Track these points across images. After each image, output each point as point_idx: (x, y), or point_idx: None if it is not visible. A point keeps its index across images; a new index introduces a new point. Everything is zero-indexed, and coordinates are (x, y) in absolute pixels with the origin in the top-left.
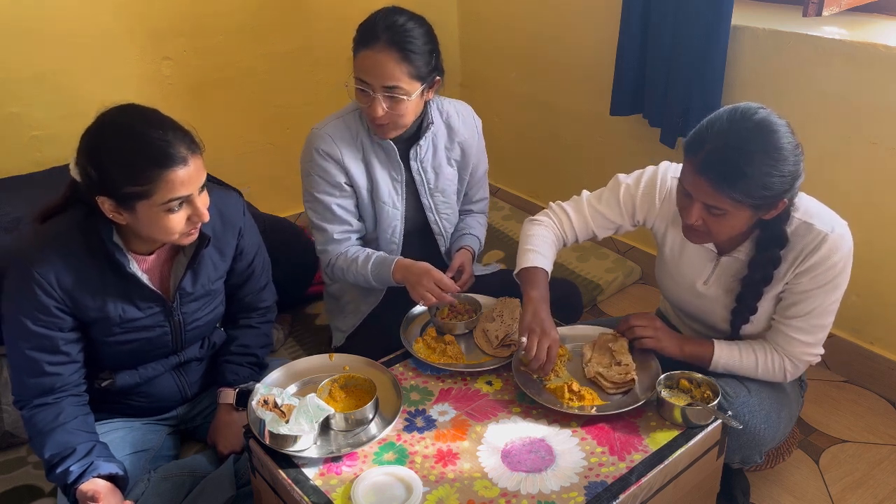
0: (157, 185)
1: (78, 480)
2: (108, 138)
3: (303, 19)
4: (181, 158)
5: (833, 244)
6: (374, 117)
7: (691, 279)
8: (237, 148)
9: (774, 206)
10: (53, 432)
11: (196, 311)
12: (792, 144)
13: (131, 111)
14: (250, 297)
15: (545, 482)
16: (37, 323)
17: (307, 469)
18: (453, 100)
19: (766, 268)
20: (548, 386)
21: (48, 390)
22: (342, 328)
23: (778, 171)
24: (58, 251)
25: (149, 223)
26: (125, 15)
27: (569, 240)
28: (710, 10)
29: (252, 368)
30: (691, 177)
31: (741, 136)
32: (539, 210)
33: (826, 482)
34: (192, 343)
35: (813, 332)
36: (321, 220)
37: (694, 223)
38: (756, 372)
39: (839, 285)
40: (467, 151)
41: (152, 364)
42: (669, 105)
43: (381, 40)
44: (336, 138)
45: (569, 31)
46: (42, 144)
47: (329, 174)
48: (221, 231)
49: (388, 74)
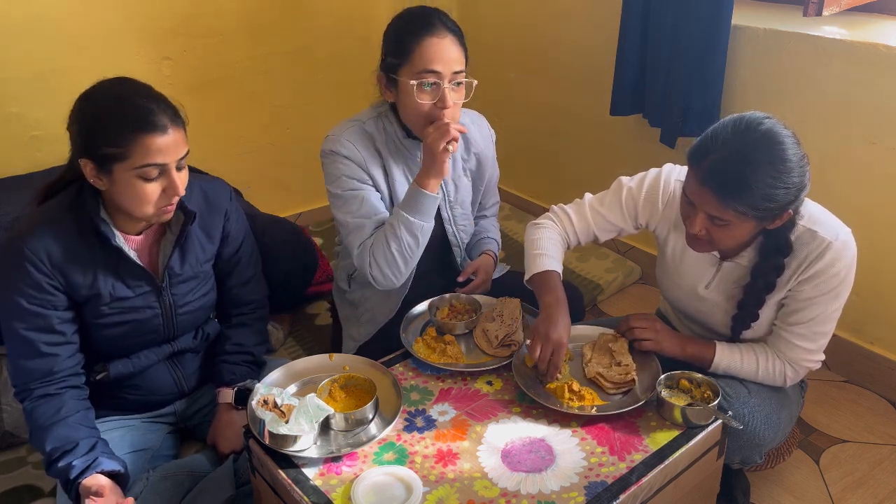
0: (133, 148)
1: (80, 475)
2: (95, 100)
3: (303, 19)
4: (161, 126)
5: (837, 252)
6: (445, 109)
7: (692, 283)
8: (237, 148)
9: (779, 217)
10: (55, 426)
11: (186, 293)
12: (798, 156)
13: (124, 80)
14: (237, 288)
15: (545, 482)
16: (31, 301)
17: (307, 469)
18: (468, 110)
19: (769, 275)
20: (548, 386)
21: (47, 373)
22: (356, 337)
23: (783, 184)
24: (48, 228)
25: (124, 190)
26: (125, 15)
27: (571, 242)
28: (710, 10)
29: (249, 367)
30: (695, 187)
31: (746, 148)
32: (539, 209)
33: (826, 482)
34: (185, 331)
35: (815, 338)
36: (357, 215)
37: (697, 233)
38: (756, 376)
39: (841, 293)
40: (483, 163)
41: (145, 352)
42: (669, 105)
43: (442, 26)
44: (356, 144)
45: (569, 31)
46: (42, 144)
47: (356, 172)
48: (207, 212)
49: (457, 58)
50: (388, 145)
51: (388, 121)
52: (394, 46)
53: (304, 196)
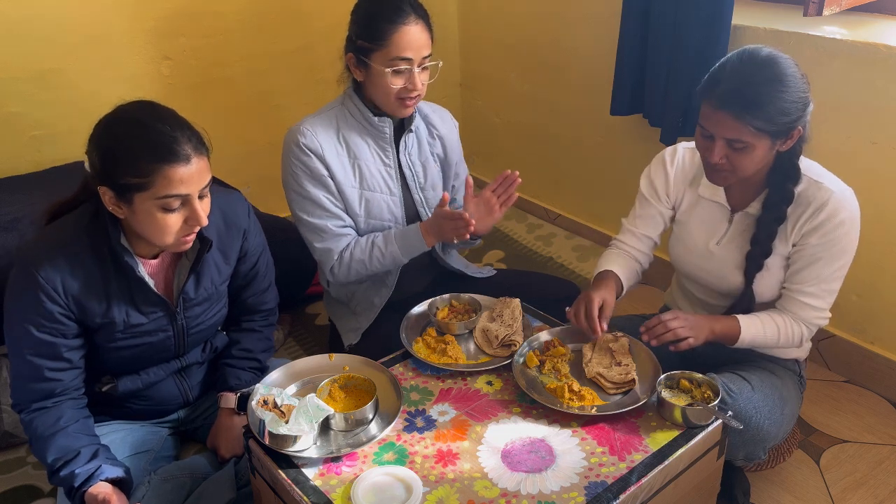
0: (155, 179)
1: (84, 484)
2: (116, 127)
3: (303, 19)
4: (184, 156)
5: (840, 202)
6: (414, 91)
7: (704, 239)
8: (237, 148)
9: (790, 134)
10: (55, 436)
11: (199, 315)
12: (798, 74)
13: (146, 105)
14: (253, 298)
15: (545, 482)
16: (41, 329)
17: (307, 469)
18: (429, 102)
19: (780, 206)
20: (548, 386)
21: (47, 395)
22: (356, 327)
23: (790, 97)
24: (64, 254)
25: (144, 220)
26: (125, 15)
27: (637, 255)
28: (711, 10)
29: (254, 373)
30: (712, 115)
31: (754, 70)
32: (539, 209)
33: (826, 482)
34: (193, 347)
35: (824, 296)
36: (315, 217)
37: (717, 161)
38: (778, 340)
39: (846, 249)
40: (448, 147)
41: (154, 369)
42: (669, 105)
43: (412, 12)
44: (315, 132)
45: (569, 30)
46: (42, 144)
47: (311, 168)
48: (225, 234)
49: (426, 43)
50: (354, 128)
51: (353, 103)
52: (365, 31)
53: None
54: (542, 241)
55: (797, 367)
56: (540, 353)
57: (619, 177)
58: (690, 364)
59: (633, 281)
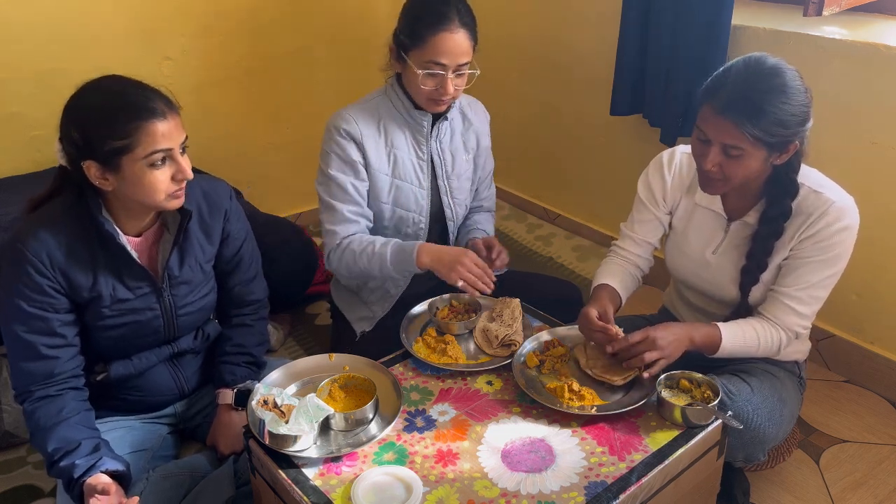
0: (138, 138)
1: (84, 475)
2: (88, 99)
3: (303, 19)
4: (160, 111)
5: (840, 212)
6: (446, 95)
7: (701, 248)
8: (237, 148)
9: (786, 148)
10: (56, 427)
11: (186, 294)
12: (802, 87)
13: (111, 77)
14: (239, 287)
15: (545, 482)
16: (31, 304)
17: (307, 469)
18: (465, 94)
19: (777, 221)
20: (548, 386)
21: (48, 376)
22: (369, 316)
23: (791, 109)
24: (48, 230)
25: (134, 182)
26: (125, 15)
27: (637, 260)
28: (710, 10)
29: (249, 368)
30: (712, 119)
31: (758, 78)
32: (539, 209)
33: (826, 482)
34: (185, 332)
35: (809, 303)
36: (332, 197)
37: (711, 169)
38: (758, 347)
39: (841, 256)
40: (481, 141)
41: (146, 353)
42: (669, 105)
43: (457, 20)
44: (357, 119)
45: (569, 30)
46: (42, 144)
47: (346, 152)
48: (207, 212)
49: (465, 51)
50: (395, 119)
51: (395, 93)
52: (407, 28)
53: (304, 196)
54: (541, 241)
55: (797, 369)
56: (540, 353)
57: (619, 177)
58: (690, 364)
59: (633, 289)
